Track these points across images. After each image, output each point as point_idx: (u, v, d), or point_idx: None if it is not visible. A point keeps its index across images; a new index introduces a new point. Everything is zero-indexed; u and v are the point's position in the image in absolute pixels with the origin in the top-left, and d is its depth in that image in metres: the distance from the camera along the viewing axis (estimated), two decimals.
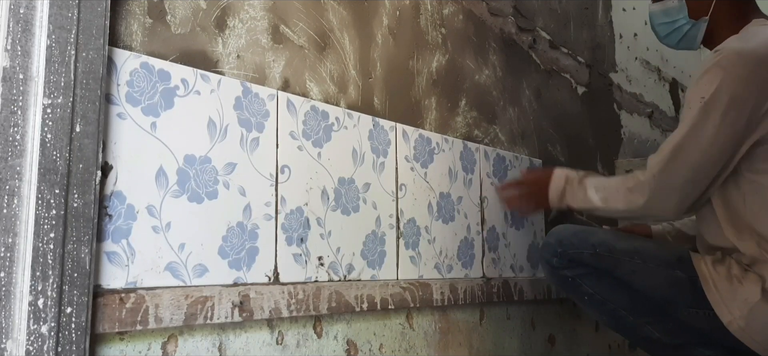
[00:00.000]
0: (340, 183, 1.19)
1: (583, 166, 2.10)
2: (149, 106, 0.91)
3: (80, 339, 0.72)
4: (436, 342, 1.35)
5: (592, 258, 1.28)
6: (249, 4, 1.09)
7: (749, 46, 1.15)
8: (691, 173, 1.17)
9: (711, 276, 1.16)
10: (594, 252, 1.28)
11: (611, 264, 1.26)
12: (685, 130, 1.18)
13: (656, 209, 1.24)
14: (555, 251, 1.32)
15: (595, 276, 1.30)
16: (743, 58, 1.14)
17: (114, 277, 0.85)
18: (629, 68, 2.44)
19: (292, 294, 1.03)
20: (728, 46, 1.17)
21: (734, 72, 1.13)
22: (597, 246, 1.28)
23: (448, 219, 1.44)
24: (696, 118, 1.16)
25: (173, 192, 0.93)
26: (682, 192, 1.19)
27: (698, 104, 1.16)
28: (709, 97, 1.14)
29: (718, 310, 1.13)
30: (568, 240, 1.31)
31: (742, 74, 1.13)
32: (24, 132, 0.69)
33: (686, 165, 1.17)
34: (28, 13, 0.70)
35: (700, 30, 1.32)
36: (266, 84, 1.10)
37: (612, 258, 1.26)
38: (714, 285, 1.15)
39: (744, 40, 1.18)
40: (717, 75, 1.14)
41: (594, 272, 1.29)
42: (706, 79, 1.16)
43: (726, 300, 1.13)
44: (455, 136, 1.52)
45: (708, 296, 1.15)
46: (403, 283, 1.25)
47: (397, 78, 1.39)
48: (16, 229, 0.68)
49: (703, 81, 1.17)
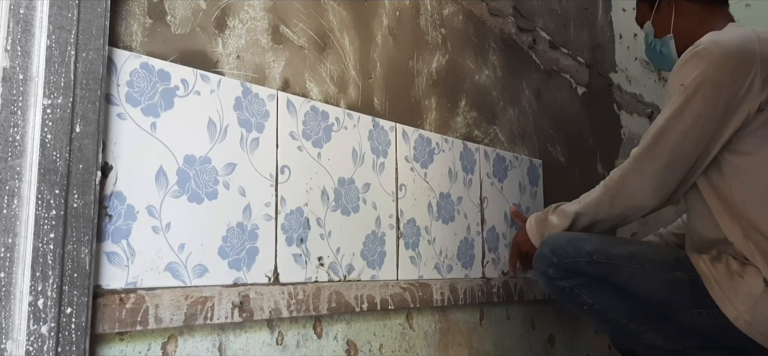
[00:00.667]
0: (340, 183, 1.19)
1: (583, 166, 2.10)
2: (149, 106, 0.91)
3: (80, 339, 0.72)
4: (436, 342, 1.35)
5: (589, 266, 1.24)
6: (249, 5, 1.09)
7: (725, 37, 1.19)
8: (672, 156, 1.19)
9: (712, 274, 1.16)
10: (590, 259, 1.24)
11: (609, 271, 1.24)
12: (666, 115, 1.20)
13: (633, 196, 1.25)
14: (550, 262, 1.28)
15: (593, 284, 1.26)
16: (720, 46, 1.17)
17: (114, 277, 0.85)
18: (629, 68, 2.44)
19: (292, 294, 1.03)
20: (705, 38, 1.21)
21: (711, 58, 1.17)
22: (593, 253, 1.24)
23: (448, 219, 1.44)
24: (676, 102, 1.19)
25: (173, 193, 0.93)
26: (662, 177, 1.21)
27: (678, 91, 1.19)
28: (688, 83, 1.18)
29: (722, 307, 1.13)
30: (562, 249, 1.27)
31: (719, 60, 1.16)
32: (24, 132, 0.69)
33: (667, 148, 1.19)
34: (28, 13, 0.70)
35: (670, 47, 1.39)
36: (266, 84, 1.10)
37: (609, 264, 1.23)
38: (716, 282, 1.15)
39: (721, 34, 1.21)
40: (695, 63, 1.18)
41: (591, 281, 1.26)
42: (686, 68, 1.20)
43: (729, 296, 1.13)
44: (455, 136, 1.52)
45: (711, 293, 1.15)
46: (403, 283, 1.25)
47: (397, 78, 1.39)
48: (16, 230, 0.68)
49: (682, 70, 1.21)
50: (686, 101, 1.18)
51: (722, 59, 1.15)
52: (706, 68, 1.16)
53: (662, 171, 1.21)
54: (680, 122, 1.18)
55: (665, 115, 1.21)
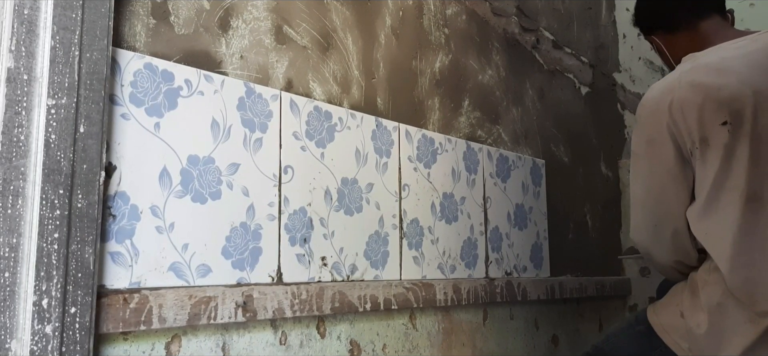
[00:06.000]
0: (343, 183, 1.19)
1: (587, 166, 2.10)
2: (153, 106, 0.92)
3: (84, 339, 0.72)
4: (440, 342, 1.35)
5: None
6: (252, 5, 1.09)
7: (649, 93, 1.17)
8: (651, 217, 1.18)
9: (661, 322, 1.18)
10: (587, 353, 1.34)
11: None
12: (631, 183, 1.23)
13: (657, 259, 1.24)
14: None
15: None
16: (641, 106, 1.17)
17: (118, 277, 0.85)
18: (633, 68, 2.44)
19: (295, 294, 1.03)
20: None
21: (639, 121, 1.18)
22: (590, 350, 1.33)
23: (451, 219, 1.44)
24: (631, 168, 1.22)
25: (177, 193, 0.93)
26: (661, 237, 1.18)
27: (632, 157, 1.22)
28: (633, 149, 1.21)
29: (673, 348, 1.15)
30: None
31: (645, 121, 1.16)
32: (28, 132, 0.69)
33: (642, 211, 1.20)
34: (32, 14, 0.71)
35: None
36: (269, 84, 1.10)
37: (595, 352, 1.31)
38: (663, 329, 1.17)
39: (653, 86, 1.19)
40: (634, 127, 1.21)
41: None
42: (634, 133, 1.22)
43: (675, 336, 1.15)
44: (458, 136, 1.52)
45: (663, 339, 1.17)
46: (406, 283, 1.25)
47: (400, 78, 1.39)
48: (20, 230, 0.68)
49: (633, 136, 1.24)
50: (635, 164, 1.20)
51: (646, 120, 1.15)
52: (638, 132, 1.18)
53: (655, 230, 1.19)
54: (641, 185, 1.19)
55: (631, 183, 1.23)
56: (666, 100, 1.11)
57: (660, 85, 1.15)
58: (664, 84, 1.14)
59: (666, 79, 1.16)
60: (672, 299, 1.20)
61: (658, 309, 1.21)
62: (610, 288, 2.03)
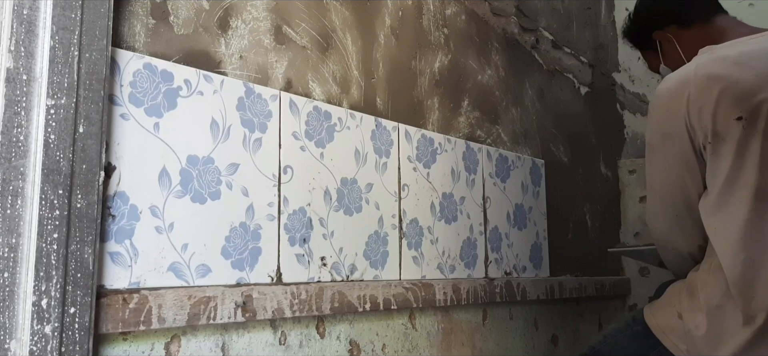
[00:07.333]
0: (342, 183, 1.19)
1: (586, 166, 2.10)
2: (152, 106, 0.92)
3: (84, 339, 0.72)
4: (439, 342, 1.35)
5: None
6: (251, 5, 1.09)
7: (664, 84, 1.15)
8: (672, 208, 1.18)
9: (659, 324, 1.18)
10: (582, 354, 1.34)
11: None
12: (648, 174, 1.22)
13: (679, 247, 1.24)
14: None
15: None
16: (656, 98, 1.16)
17: (117, 278, 0.85)
18: (632, 68, 2.44)
19: (294, 294, 1.03)
20: None
21: (654, 113, 1.17)
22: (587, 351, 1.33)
23: (450, 219, 1.44)
24: (647, 159, 1.21)
25: (176, 193, 0.93)
26: (683, 225, 1.18)
27: (647, 148, 1.21)
28: (647, 140, 1.20)
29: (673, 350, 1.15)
30: None
31: (661, 114, 1.15)
32: (27, 133, 0.69)
33: (661, 202, 1.20)
34: (31, 14, 0.71)
35: None
36: (269, 84, 1.10)
37: (592, 353, 1.31)
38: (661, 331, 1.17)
39: (666, 79, 1.17)
40: (648, 118, 1.20)
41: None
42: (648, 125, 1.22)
43: None
44: (458, 136, 1.52)
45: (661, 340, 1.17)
46: (405, 283, 1.25)
47: (399, 78, 1.39)
48: (19, 230, 0.68)
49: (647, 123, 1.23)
50: (651, 156, 1.19)
51: (662, 110, 1.14)
52: (652, 123, 1.17)
53: (672, 223, 1.20)
54: (657, 177, 1.19)
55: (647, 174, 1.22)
56: (682, 92, 1.10)
57: (675, 77, 1.14)
58: (680, 75, 1.13)
59: (682, 71, 1.14)
60: (669, 300, 1.20)
61: (654, 310, 1.21)
62: (609, 288, 2.03)
